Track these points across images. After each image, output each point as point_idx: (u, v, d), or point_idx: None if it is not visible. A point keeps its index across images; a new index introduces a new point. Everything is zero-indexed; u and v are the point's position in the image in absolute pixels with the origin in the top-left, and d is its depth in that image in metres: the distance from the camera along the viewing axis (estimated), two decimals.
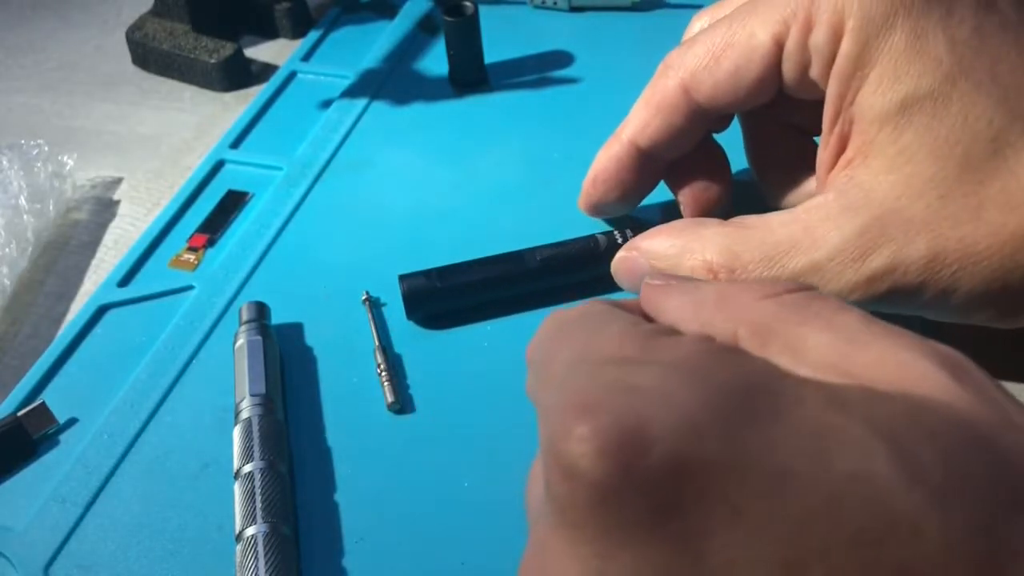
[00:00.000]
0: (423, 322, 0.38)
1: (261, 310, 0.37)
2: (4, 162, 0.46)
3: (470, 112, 0.49)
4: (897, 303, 0.29)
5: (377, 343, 0.36)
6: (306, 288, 0.40)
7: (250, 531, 0.30)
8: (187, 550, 0.31)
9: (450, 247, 0.40)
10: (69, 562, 0.31)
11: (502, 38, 0.52)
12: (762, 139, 0.37)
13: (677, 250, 0.32)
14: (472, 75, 0.50)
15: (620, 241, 0.38)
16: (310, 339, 0.38)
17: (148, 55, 0.56)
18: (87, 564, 0.31)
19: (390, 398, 0.34)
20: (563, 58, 0.52)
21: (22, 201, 0.44)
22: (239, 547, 0.30)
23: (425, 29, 0.55)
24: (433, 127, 0.48)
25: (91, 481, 0.33)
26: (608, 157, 0.37)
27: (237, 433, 0.33)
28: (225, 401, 0.35)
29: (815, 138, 0.36)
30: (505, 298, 0.38)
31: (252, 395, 0.34)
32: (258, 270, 0.41)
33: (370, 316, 0.37)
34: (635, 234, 0.37)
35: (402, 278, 0.37)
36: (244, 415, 0.33)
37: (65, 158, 0.47)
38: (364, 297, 0.38)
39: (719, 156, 0.37)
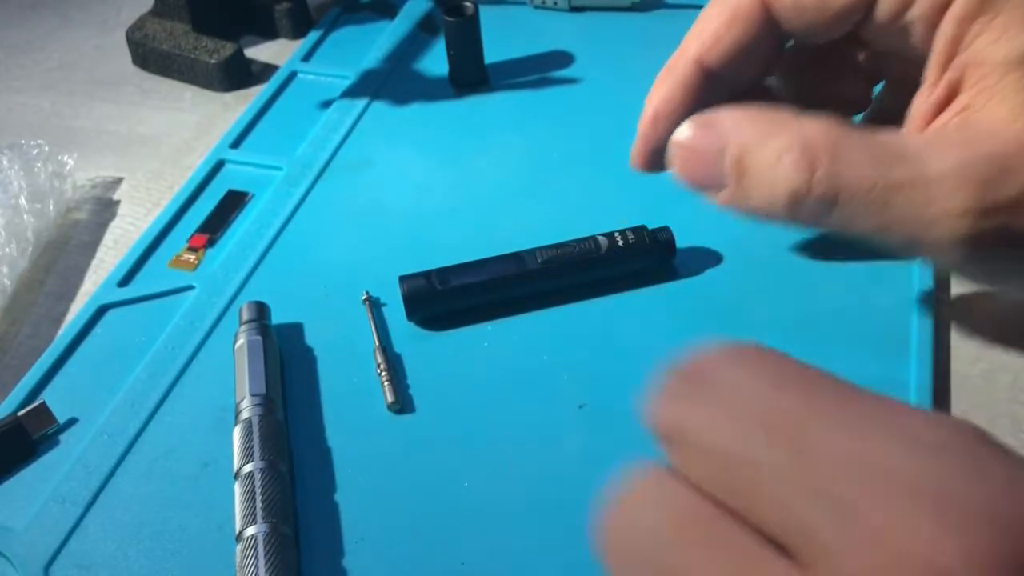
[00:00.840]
0: (423, 323, 0.38)
1: (261, 310, 0.37)
2: (4, 162, 0.46)
3: (470, 112, 0.49)
4: (999, 246, 0.26)
5: (377, 343, 0.36)
6: (306, 288, 0.40)
7: (250, 531, 0.30)
8: (187, 550, 0.31)
9: (450, 247, 0.39)
10: (69, 562, 0.31)
11: (502, 38, 0.52)
12: (822, 76, 0.34)
13: (766, 126, 0.27)
14: (472, 75, 0.50)
15: (621, 243, 0.38)
16: (310, 339, 0.38)
17: (148, 55, 0.56)
18: (87, 564, 0.31)
19: (390, 398, 0.34)
20: (563, 58, 0.52)
21: (22, 201, 0.44)
22: (239, 547, 0.30)
23: (425, 29, 0.55)
24: (433, 127, 0.48)
25: (91, 481, 0.33)
26: (671, 85, 0.32)
27: (237, 433, 0.33)
28: (225, 401, 0.35)
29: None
30: (506, 299, 0.38)
31: (252, 395, 0.34)
32: (258, 270, 0.41)
33: (370, 316, 0.37)
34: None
35: (402, 279, 0.37)
36: (244, 415, 0.33)
37: (65, 158, 0.47)
38: (364, 297, 0.38)
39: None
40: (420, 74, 0.52)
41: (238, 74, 0.55)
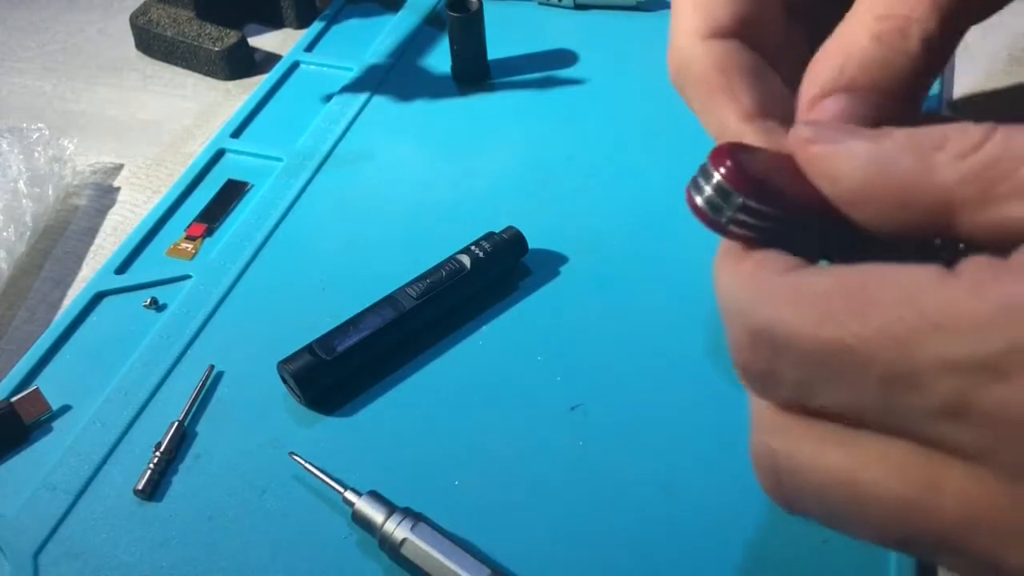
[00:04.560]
0: (316, 404, 0.35)
1: None
2: (4, 145, 0.46)
3: (472, 108, 0.49)
4: None
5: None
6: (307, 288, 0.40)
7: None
8: (177, 539, 0.31)
9: (448, 242, 0.39)
10: (58, 549, 0.31)
11: (506, 34, 0.52)
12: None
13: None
14: (475, 71, 0.50)
15: (482, 255, 0.38)
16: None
17: (152, 41, 0.56)
18: (76, 552, 0.31)
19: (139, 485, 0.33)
20: (566, 56, 0.52)
21: (21, 185, 0.44)
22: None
23: (432, 23, 0.55)
24: (434, 122, 0.48)
25: (83, 469, 0.33)
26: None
27: None
28: (219, 392, 0.35)
29: None
30: (393, 346, 0.37)
31: None
32: (255, 261, 0.41)
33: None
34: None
35: (284, 362, 0.35)
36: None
37: (66, 142, 0.47)
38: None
39: None
40: (423, 69, 0.52)
41: (241, 62, 0.55)
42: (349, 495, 0.31)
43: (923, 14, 0.21)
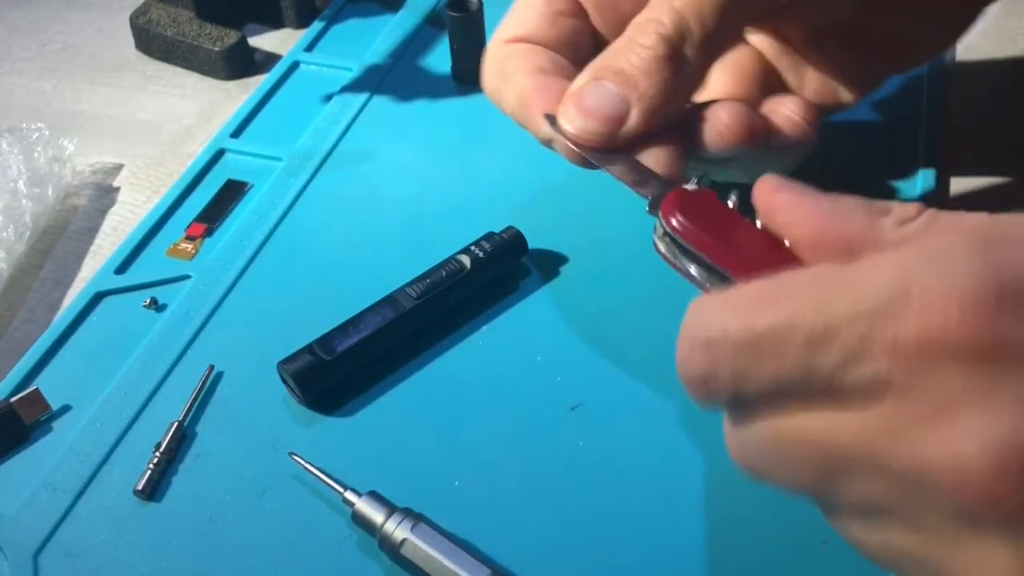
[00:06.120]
0: (316, 404, 0.35)
1: None
2: (4, 145, 0.46)
3: (472, 109, 0.49)
4: None
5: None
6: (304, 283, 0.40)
7: None
8: (177, 540, 0.31)
9: (448, 242, 0.39)
10: (58, 549, 0.31)
11: None
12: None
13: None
14: (475, 71, 0.50)
15: (481, 255, 0.38)
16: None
17: (152, 41, 0.56)
18: (76, 552, 0.31)
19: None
20: None
21: (21, 185, 0.44)
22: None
23: (432, 23, 0.55)
24: (434, 122, 0.48)
25: (83, 469, 0.33)
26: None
27: None
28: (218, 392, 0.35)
29: None
30: (393, 346, 0.37)
31: None
32: (255, 261, 0.41)
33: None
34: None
35: (283, 362, 0.35)
36: None
37: (65, 143, 0.47)
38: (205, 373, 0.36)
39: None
40: (423, 68, 0.52)
41: (241, 62, 0.55)
42: (349, 495, 0.31)
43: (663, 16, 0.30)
